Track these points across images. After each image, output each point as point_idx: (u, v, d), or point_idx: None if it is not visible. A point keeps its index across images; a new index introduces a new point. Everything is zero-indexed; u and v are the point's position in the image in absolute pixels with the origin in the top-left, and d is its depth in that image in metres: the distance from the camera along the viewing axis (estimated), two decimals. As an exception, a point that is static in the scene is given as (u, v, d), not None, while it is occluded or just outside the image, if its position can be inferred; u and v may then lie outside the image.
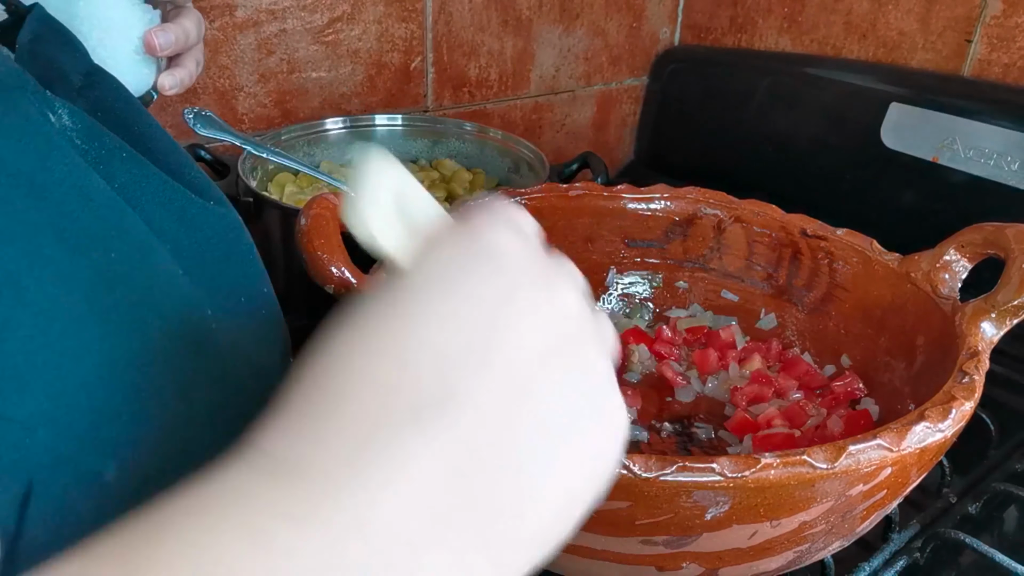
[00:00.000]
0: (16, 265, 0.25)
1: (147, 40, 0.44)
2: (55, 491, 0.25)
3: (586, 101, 1.05)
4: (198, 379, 0.30)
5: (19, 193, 0.26)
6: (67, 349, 0.25)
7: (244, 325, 0.34)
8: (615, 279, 0.64)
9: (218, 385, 0.31)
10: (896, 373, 0.51)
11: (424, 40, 0.86)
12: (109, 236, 0.28)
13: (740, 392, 0.55)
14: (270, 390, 0.30)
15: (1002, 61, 0.78)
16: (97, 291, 0.27)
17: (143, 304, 0.28)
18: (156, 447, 0.28)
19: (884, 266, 0.53)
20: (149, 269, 0.29)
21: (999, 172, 0.73)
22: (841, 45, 0.91)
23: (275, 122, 0.80)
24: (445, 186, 0.78)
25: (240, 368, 0.32)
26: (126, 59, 0.44)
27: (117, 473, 0.27)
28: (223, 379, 0.31)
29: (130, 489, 0.27)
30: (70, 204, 0.27)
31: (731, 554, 0.36)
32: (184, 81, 0.47)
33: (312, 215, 0.46)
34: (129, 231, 0.30)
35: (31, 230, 0.26)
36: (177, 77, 0.47)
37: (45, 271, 0.25)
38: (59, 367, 0.25)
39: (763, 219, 0.60)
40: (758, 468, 0.32)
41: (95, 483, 0.26)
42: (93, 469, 0.26)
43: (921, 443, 0.35)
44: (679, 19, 1.08)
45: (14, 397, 0.25)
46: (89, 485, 0.26)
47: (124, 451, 0.27)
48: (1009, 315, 0.43)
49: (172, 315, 0.29)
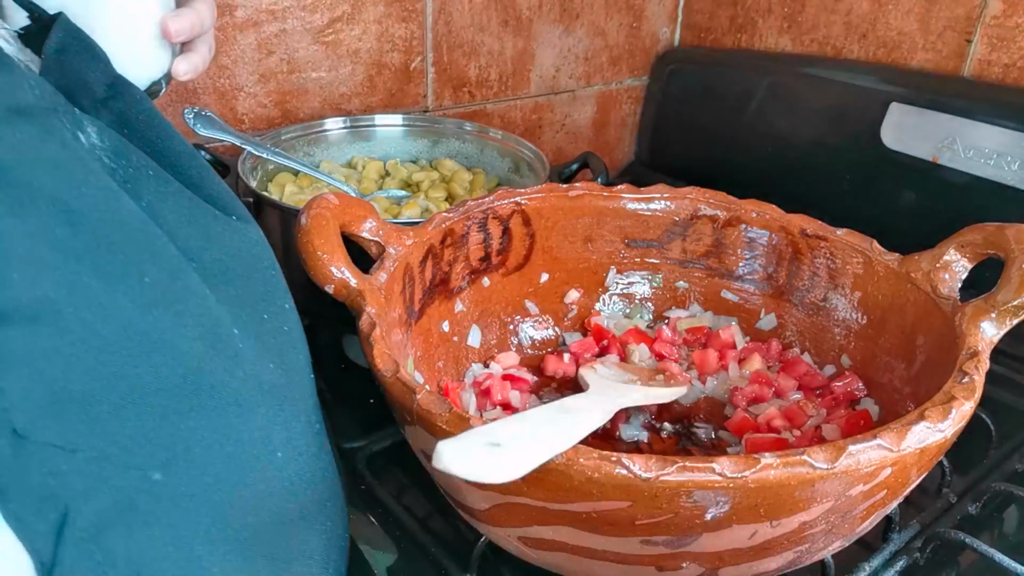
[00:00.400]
0: (56, 294, 0.25)
1: (163, 25, 0.44)
2: (89, 518, 0.26)
3: (586, 101, 1.06)
4: (226, 399, 0.30)
5: (57, 221, 0.26)
6: (102, 375, 0.26)
7: (268, 343, 0.34)
8: (615, 279, 0.64)
9: (242, 406, 0.31)
10: (896, 373, 0.51)
11: (424, 40, 0.86)
12: (143, 261, 0.29)
13: (740, 392, 0.55)
14: (292, 405, 0.31)
15: (1002, 61, 0.78)
16: (132, 317, 0.27)
17: (175, 328, 0.29)
18: (187, 468, 0.28)
19: (884, 266, 0.53)
20: (180, 292, 0.30)
21: (999, 172, 0.73)
22: (841, 45, 0.91)
23: (275, 122, 0.80)
24: (445, 186, 0.78)
25: (265, 385, 0.32)
26: (143, 45, 0.44)
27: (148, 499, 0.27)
28: (248, 397, 0.31)
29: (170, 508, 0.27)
30: (105, 231, 0.28)
31: (731, 554, 0.36)
32: (198, 67, 0.47)
33: (312, 215, 0.46)
34: (160, 254, 0.30)
35: (70, 259, 0.26)
36: (192, 62, 0.46)
37: (83, 299, 0.26)
38: (95, 392, 0.26)
39: (763, 219, 0.60)
40: (758, 468, 0.32)
41: (128, 508, 0.27)
42: (126, 493, 0.27)
43: (921, 443, 0.35)
44: (679, 19, 1.08)
45: (53, 423, 0.25)
46: (123, 510, 0.27)
47: (156, 473, 0.28)
48: (1009, 315, 0.43)
49: (202, 336, 0.30)
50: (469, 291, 0.58)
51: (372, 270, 0.48)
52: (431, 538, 0.47)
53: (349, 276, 0.45)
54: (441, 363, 0.55)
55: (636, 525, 0.34)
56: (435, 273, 0.55)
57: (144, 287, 0.28)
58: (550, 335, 0.63)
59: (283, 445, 0.32)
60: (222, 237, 0.34)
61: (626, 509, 0.33)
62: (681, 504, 0.33)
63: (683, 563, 0.37)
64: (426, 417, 0.36)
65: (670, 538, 0.35)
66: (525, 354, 0.61)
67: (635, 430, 0.53)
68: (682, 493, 0.32)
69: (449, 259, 0.56)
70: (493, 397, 0.54)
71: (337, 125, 0.81)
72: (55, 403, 0.25)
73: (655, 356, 0.60)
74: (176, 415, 0.28)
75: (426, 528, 0.48)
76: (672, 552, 0.36)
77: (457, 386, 0.54)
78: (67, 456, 0.25)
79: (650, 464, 0.32)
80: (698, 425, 0.55)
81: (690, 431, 0.54)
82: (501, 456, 0.28)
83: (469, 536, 0.47)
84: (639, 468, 0.32)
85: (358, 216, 0.49)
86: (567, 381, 0.59)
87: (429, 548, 0.46)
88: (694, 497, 0.33)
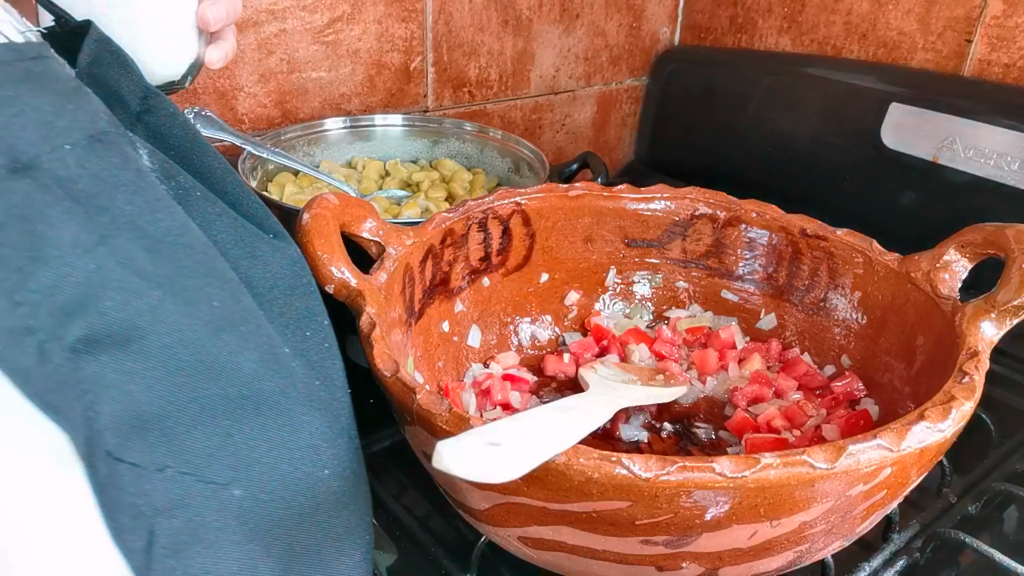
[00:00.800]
0: (142, 320, 0.26)
1: (201, 14, 0.43)
2: (169, 535, 0.27)
3: (586, 101, 1.06)
4: (281, 417, 0.31)
5: (139, 247, 0.27)
6: (178, 398, 0.27)
7: (313, 360, 0.35)
8: (615, 279, 0.64)
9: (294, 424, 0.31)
10: (896, 373, 0.51)
11: (424, 40, 0.86)
12: (210, 285, 0.30)
13: (740, 392, 0.55)
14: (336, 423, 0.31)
15: (1002, 61, 0.78)
16: (204, 340, 0.28)
17: (240, 350, 0.30)
18: (247, 486, 0.29)
19: (884, 266, 0.53)
20: (242, 314, 0.31)
21: (999, 172, 0.73)
22: (841, 45, 0.91)
23: (275, 122, 0.80)
24: (445, 186, 0.78)
25: (314, 403, 0.33)
26: (183, 34, 0.44)
27: (219, 516, 0.28)
28: (300, 416, 0.32)
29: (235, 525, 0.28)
30: (178, 256, 0.29)
31: (731, 554, 0.36)
32: (229, 55, 0.47)
33: (312, 215, 0.46)
34: (223, 277, 0.31)
35: (152, 285, 0.27)
36: (223, 50, 0.46)
37: (163, 324, 0.27)
38: (172, 414, 0.27)
39: (763, 219, 0.60)
40: (758, 468, 0.32)
41: (200, 525, 0.28)
42: (199, 511, 0.28)
43: (921, 443, 0.35)
44: (679, 19, 1.08)
45: (139, 444, 0.26)
46: (196, 527, 0.28)
47: (236, 489, 0.29)
48: (1009, 315, 0.43)
49: (261, 357, 0.31)
50: (469, 291, 0.58)
51: (372, 270, 0.48)
52: (431, 538, 0.47)
53: (349, 276, 0.45)
54: (441, 363, 0.55)
55: (636, 525, 0.34)
56: (435, 273, 0.55)
57: (213, 311, 0.29)
58: (550, 335, 0.63)
59: (330, 462, 0.32)
60: (266, 256, 0.35)
61: (626, 509, 0.33)
62: (681, 504, 0.33)
63: (683, 563, 0.37)
64: (426, 417, 0.36)
65: (670, 538, 0.35)
66: (525, 354, 0.61)
67: (635, 430, 0.53)
68: (682, 493, 0.32)
69: (449, 259, 0.56)
70: (493, 397, 0.54)
71: (337, 125, 0.81)
72: (139, 425, 0.26)
73: (655, 356, 0.60)
74: (239, 434, 0.29)
75: (426, 528, 0.48)
76: (672, 552, 0.36)
77: (457, 386, 0.54)
78: (151, 475, 0.27)
79: (650, 464, 0.32)
80: (698, 425, 0.55)
81: (690, 431, 0.54)
82: (501, 456, 0.28)
83: (469, 536, 0.47)
84: (639, 468, 0.32)
85: (358, 216, 0.49)
86: (567, 381, 0.59)
87: (429, 548, 0.46)
88: (694, 497, 0.33)
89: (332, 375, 0.36)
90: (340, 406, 0.35)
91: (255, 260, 0.34)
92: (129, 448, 0.26)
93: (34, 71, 0.27)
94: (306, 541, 0.31)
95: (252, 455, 0.29)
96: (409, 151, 0.84)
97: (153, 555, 0.27)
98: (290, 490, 0.30)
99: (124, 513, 0.26)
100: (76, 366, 0.25)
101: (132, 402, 0.26)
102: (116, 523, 0.26)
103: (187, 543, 0.27)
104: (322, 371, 0.35)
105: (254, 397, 0.29)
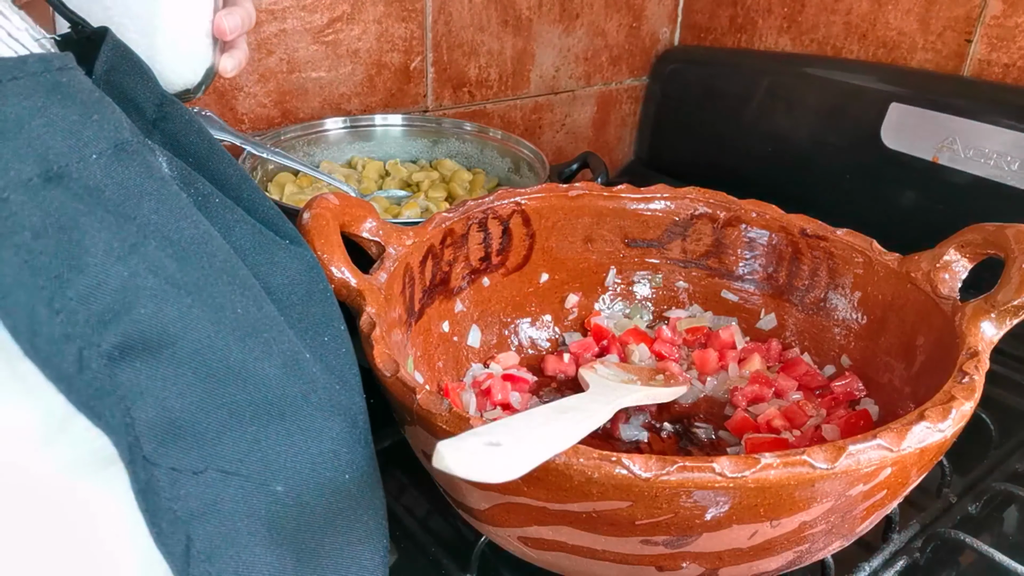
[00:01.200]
0: (174, 327, 0.27)
1: (217, 24, 0.44)
2: (204, 539, 0.28)
3: (586, 101, 1.06)
4: (303, 422, 0.31)
5: (166, 255, 0.28)
6: (208, 404, 0.28)
7: (332, 365, 0.35)
8: (615, 279, 0.64)
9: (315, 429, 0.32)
10: (896, 373, 0.51)
11: (424, 40, 0.86)
12: (234, 292, 0.30)
13: (740, 392, 0.55)
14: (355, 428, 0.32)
15: (1002, 61, 0.78)
16: (230, 346, 0.29)
17: (264, 356, 0.30)
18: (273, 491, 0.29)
19: (884, 266, 0.53)
20: (265, 320, 0.31)
21: (999, 172, 0.73)
22: (841, 45, 0.91)
23: (275, 122, 0.80)
24: (445, 186, 0.78)
25: (334, 408, 0.33)
26: (199, 43, 0.44)
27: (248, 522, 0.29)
28: (321, 421, 0.32)
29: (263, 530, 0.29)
30: (203, 263, 0.29)
31: (731, 554, 0.36)
32: (242, 63, 0.47)
33: (312, 215, 0.46)
34: (246, 284, 0.31)
35: (182, 292, 0.27)
36: (236, 59, 0.47)
37: (193, 331, 0.27)
38: (202, 420, 0.28)
39: (763, 219, 0.60)
40: (758, 468, 0.32)
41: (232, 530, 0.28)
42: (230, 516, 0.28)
43: (921, 443, 0.35)
44: (679, 19, 1.08)
45: (173, 450, 0.27)
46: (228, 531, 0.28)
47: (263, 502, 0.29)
48: (1009, 315, 0.43)
49: (284, 363, 0.31)
50: (469, 291, 0.58)
51: (372, 270, 0.48)
52: (431, 538, 0.47)
53: (349, 276, 0.45)
54: (441, 363, 0.55)
55: (636, 525, 0.34)
56: (435, 273, 0.55)
57: (238, 318, 0.29)
58: (550, 335, 0.63)
59: (350, 467, 0.33)
60: (284, 262, 0.35)
61: (626, 509, 0.33)
62: (681, 504, 0.33)
63: (683, 563, 0.37)
64: (426, 417, 0.36)
65: (670, 538, 0.35)
66: (525, 354, 0.61)
67: (635, 430, 0.53)
68: (682, 493, 0.32)
69: (449, 259, 0.56)
70: (493, 397, 0.54)
71: (337, 125, 0.81)
72: (173, 431, 0.27)
73: (655, 356, 0.60)
74: (266, 439, 0.29)
75: (426, 528, 0.48)
76: (672, 552, 0.36)
77: (457, 386, 0.54)
78: (186, 480, 0.27)
79: (650, 464, 0.32)
80: (698, 425, 0.55)
81: (690, 431, 0.54)
82: (501, 456, 0.28)
83: (469, 536, 0.47)
84: (639, 468, 0.32)
85: (358, 216, 0.49)
86: (567, 381, 0.59)
87: (429, 548, 0.46)
88: (694, 497, 0.33)
89: (350, 380, 0.36)
90: (358, 411, 0.35)
91: (274, 266, 0.35)
92: (164, 453, 0.27)
93: (61, 82, 0.27)
94: (330, 545, 0.31)
95: (279, 460, 0.30)
96: (409, 151, 0.84)
97: (191, 559, 0.27)
98: (314, 495, 0.31)
99: (163, 518, 0.27)
100: (112, 373, 0.25)
101: (165, 408, 0.27)
102: (158, 528, 0.27)
103: (220, 547, 0.28)
104: (340, 376, 0.35)
105: (278, 402, 0.30)
